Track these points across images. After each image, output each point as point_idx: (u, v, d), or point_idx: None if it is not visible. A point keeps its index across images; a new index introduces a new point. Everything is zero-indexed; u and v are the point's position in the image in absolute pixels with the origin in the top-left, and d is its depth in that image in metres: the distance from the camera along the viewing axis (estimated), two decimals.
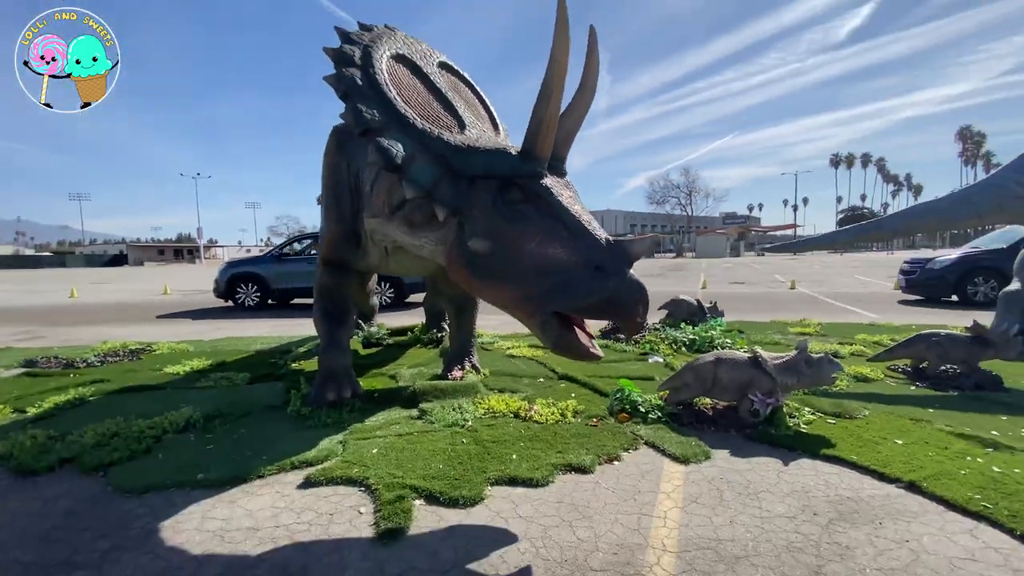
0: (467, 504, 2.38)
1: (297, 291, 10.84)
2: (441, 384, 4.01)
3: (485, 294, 2.47)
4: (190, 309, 11.36)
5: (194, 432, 3.30)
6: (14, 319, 10.16)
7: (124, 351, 6.01)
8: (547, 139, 2.34)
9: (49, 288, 20.15)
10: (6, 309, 12.27)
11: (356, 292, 6.20)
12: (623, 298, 2.16)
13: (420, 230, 2.79)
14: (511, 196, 2.36)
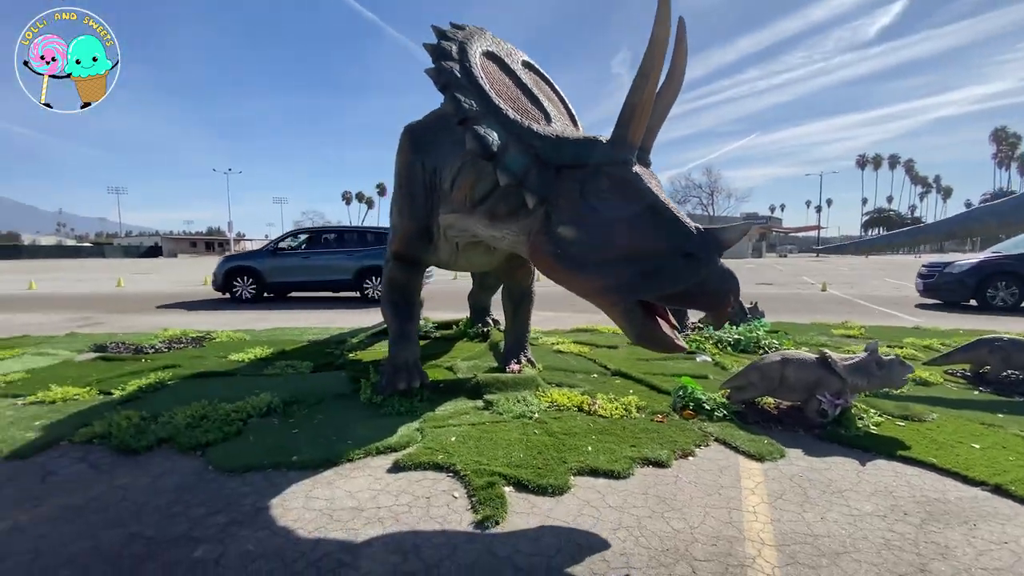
0: (556, 493, 2.46)
1: (291, 285, 11.13)
2: (502, 377, 4.09)
3: (569, 282, 2.50)
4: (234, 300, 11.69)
5: (277, 416, 3.44)
6: (70, 306, 10.60)
7: (186, 338, 6.25)
8: (639, 126, 2.36)
9: (94, 277, 20.92)
10: (61, 296, 12.80)
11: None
12: (714, 286, 2.17)
13: (501, 222, 2.86)
14: (599, 184, 2.39)
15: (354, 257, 11.04)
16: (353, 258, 11.03)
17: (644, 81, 2.26)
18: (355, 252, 11.13)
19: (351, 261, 10.99)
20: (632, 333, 2.33)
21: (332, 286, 11.18)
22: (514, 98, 2.78)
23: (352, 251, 11.16)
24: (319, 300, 11.34)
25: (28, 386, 4.18)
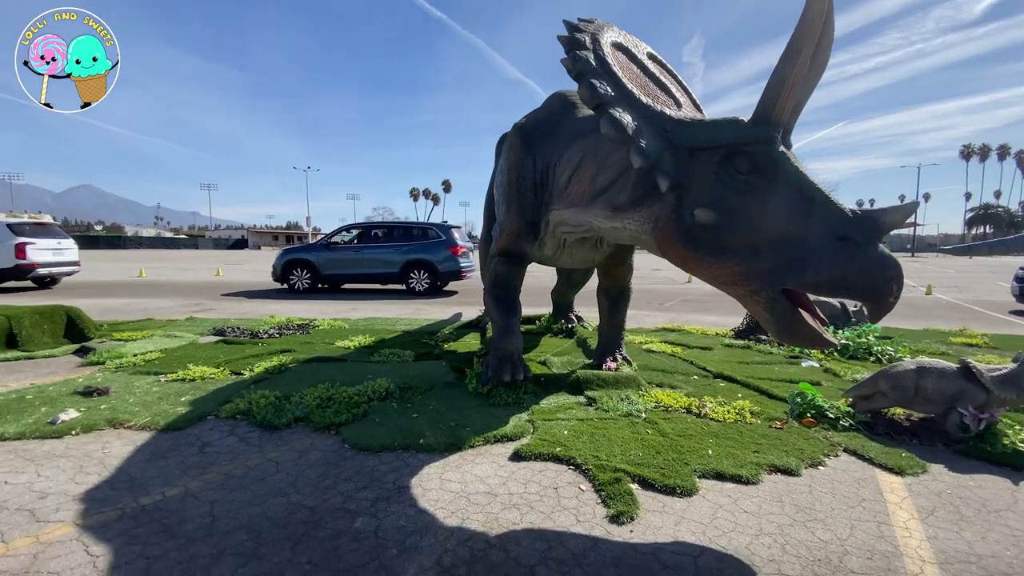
0: (684, 494, 2.43)
1: (343, 277, 11.65)
2: (603, 374, 4.08)
3: (703, 270, 2.42)
4: (322, 291, 12.41)
5: (395, 401, 3.63)
6: (180, 293, 11.66)
7: (292, 325, 6.71)
8: (787, 101, 2.22)
9: (194, 267, 22.89)
10: (170, 283, 14.12)
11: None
12: (873, 273, 2.00)
13: (624, 212, 2.84)
14: (740, 165, 2.29)
15: (401, 251, 11.50)
16: (400, 252, 11.49)
17: (794, 55, 2.12)
18: (402, 247, 11.57)
19: (398, 255, 11.47)
20: (774, 325, 2.22)
21: (380, 279, 11.69)
22: (644, 86, 2.76)
23: (399, 246, 11.60)
24: (392, 293, 11.80)
25: (165, 365, 4.65)
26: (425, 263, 11.40)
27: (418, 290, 11.53)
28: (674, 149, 2.45)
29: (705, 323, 7.83)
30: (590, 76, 2.61)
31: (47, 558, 1.86)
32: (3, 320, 5.06)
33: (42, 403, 3.50)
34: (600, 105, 2.53)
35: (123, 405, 3.50)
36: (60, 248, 11.84)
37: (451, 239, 11.61)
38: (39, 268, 11.20)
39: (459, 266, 11.56)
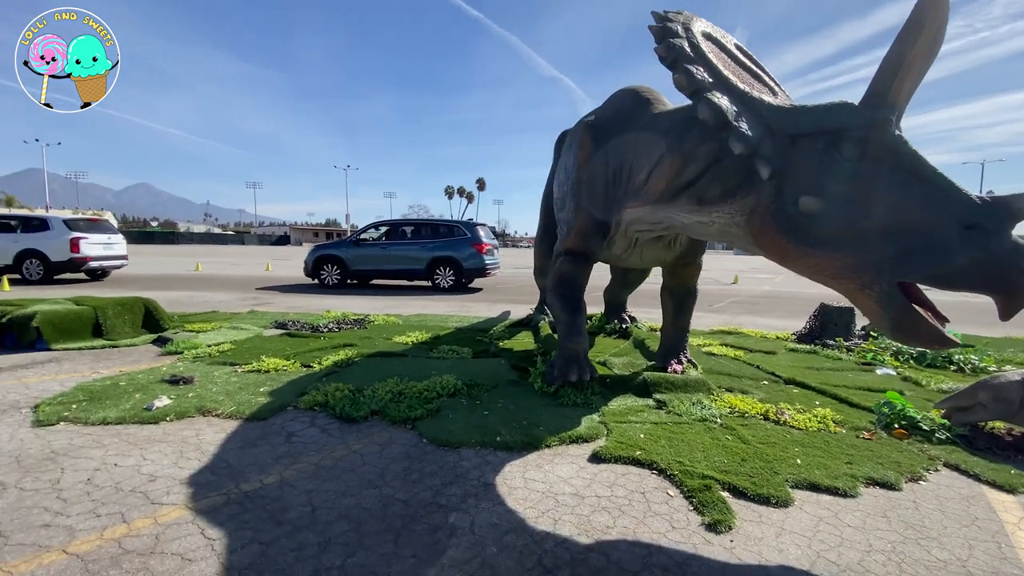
0: (779, 504, 2.34)
1: (371, 273, 11.95)
2: (670, 377, 4.00)
3: (805, 263, 2.31)
4: (371, 288, 12.69)
5: (463, 398, 3.66)
6: (236, 287, 12.13)
7: (348, 320, 6.87)
8: (904, 82, 2.09)
9: (243, 262, 23.80)
10: (224, 277, 14.72)
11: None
12: (1007, 264, 1.83)
13: (712, 205, 2.76)
14: (844, 151, 2.18)
15: (427, 248, 11.70)
16: (426, 249, 11.69)
17: (914, 35, 2.00)
18: (428, 244, 11.76)
19: (424, 252, 11.67)
20: (888, 322, 2.08)
21: (407, 275, 11.92)
22: (738, 74, 2.68)
23: (425, 243, 11.80)
24: (428, 290, 11.93)
25: (238, 356, 4.84)
26: (451, 260, 11.61)
27: (443, 286, 11.75)
28: (773, 136, 2.37)
29: (760, 325, 7.59)
30: (685, 63, 2.55)
31: (168, 539, 1.95)
32: (90, 311, 5.38)
33: (135, 390, 3.69)
34: (697, 91, 2.47)
35: (208, 394, 3.65)
36: (110, 243, 12.54)
37: (476, 237, 11.77)
38: (91, 261, 11.91)
39: (484, 263, 11.72)
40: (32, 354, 4.82)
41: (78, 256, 11.54)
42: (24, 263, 11.45)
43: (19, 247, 11.45)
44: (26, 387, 3.78)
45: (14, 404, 3.40)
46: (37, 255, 11.43)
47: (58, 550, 1.87)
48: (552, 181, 5.54)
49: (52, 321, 5.04)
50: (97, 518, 2.09)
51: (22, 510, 2.13)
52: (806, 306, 10.69)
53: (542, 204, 5.85)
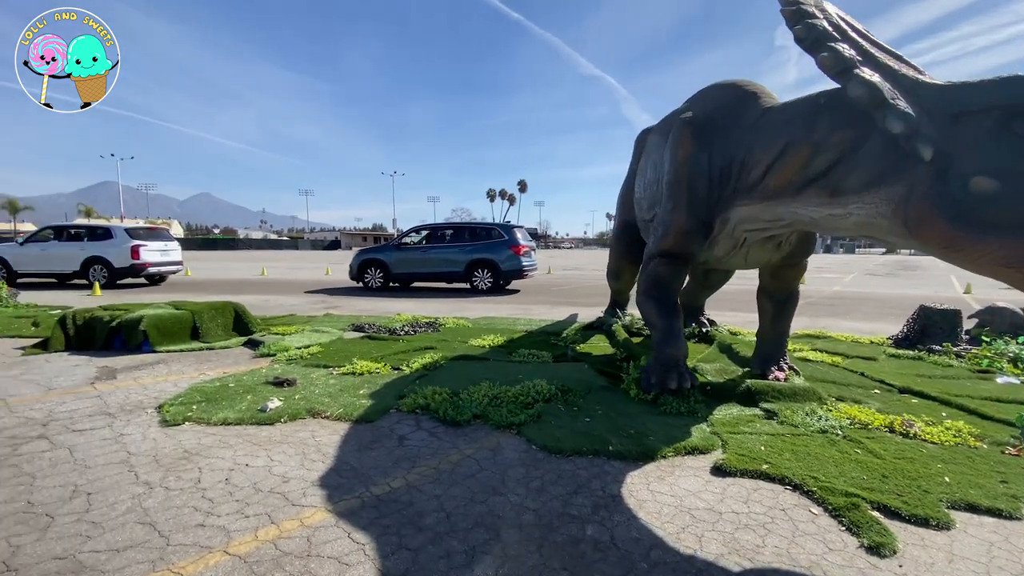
0: (940, 526, 2.15)
1: (413, 276, 12.25)
2: (776, 385, 3.80)
3: (976, 251, 2.09)
4: (426, 291, 12.90)
5: (560, 403, 3.60)
6: (302, 290, 12.59)
7: (421, 323, 6.96)
8: None
9: (303, 266, 24.76)
10: (290, 281, 15.33)
11: (631, 280, 6.34)
12: None
13: (850, 195, 2.59)
14: (1017, 128, 1.98)
15: (465, 251, 11.89)
16: (464, 252, 11.88)
17: None
18: (466, 247, 11.96)
19: (462, 255, 11.86)
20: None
21: (446, 277, 12.12)
22: (881, 53, 2.51)
23: (463, 246, 11.99)
24: (489, 293, 11.96)
25: (328, 358, 4.97)
26: (488, 262, 11.79)
27: (481, 288, 11.91)
28: (932, 114, 2.19)
29: (844, 328, 7.16)
30: (829, 41, 2.41)
31: (319, 542, 1.99)
32: (188, 315, 5.69)
33: (244, 391, 3.85)
34: (846, 70, 2.32)
35: (312, 396, 3.76)
36: (166, 249, 13.29)
37: (513, 239, 11.89)
38: (150, 267, 12.68)
39: (521, 265, 11.84)
40: (140, 355, 5.13)
41: (138, 262, 12.34)
42: (90, 269, 12.36)
43: (86, 254, 12.36)
44: (144, 388, 4.02)
45: (139, 405, 3.61)
46: (102, 262, 12.31)
47: (220, 551, 1.94)
48: (631, 180, 5.42)
49: (157, 325, 5.36)
50: (246, 519, 2.16)
51: (173, 509, 2.23)
52: (885, 307, 10.07)
53: (619, 204, 5.72)
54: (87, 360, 4.90)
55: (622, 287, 6.42)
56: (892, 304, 10.51)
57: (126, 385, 4.09)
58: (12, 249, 12.65)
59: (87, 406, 3.54)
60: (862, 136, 2.54)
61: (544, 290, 13.18)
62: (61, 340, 5.31)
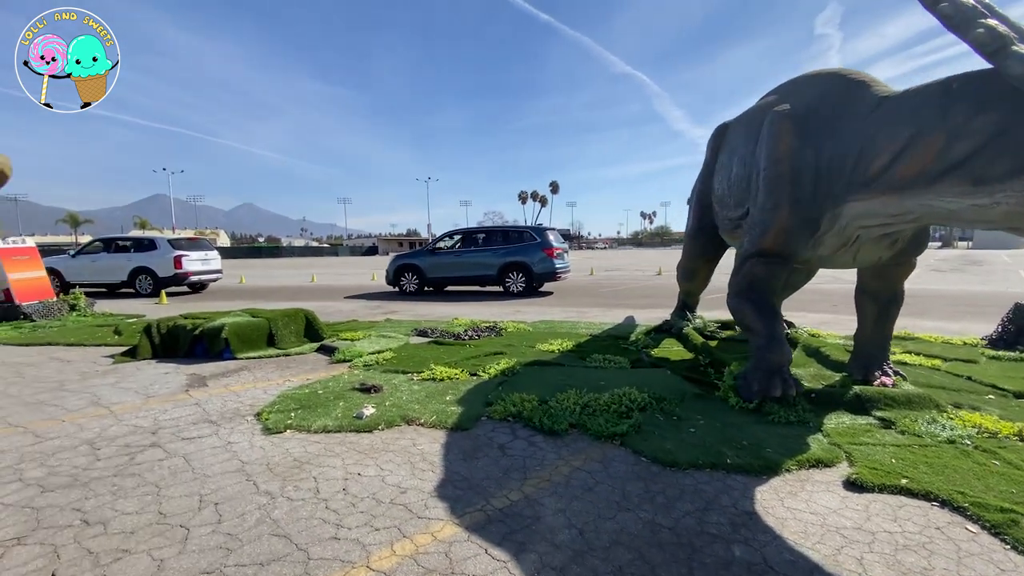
0: None
1: (447, 280, 12.34)
2: (888, 392, 3.56)
3: None
4: (474, 294, 12.92)
5: (656, 412, 3.47)
6: (355, 296, 12.81)
7: (482, 327, 6.93)
8: None
9: (348, 272, 25.30)
10: (339, 287, 15.64)
11: (705, 281, 6.14)
12: None
13: (997, 183, 2.38)
14: None
15: (498, 255, 11.92)
16: (497, 255, 11.91)
17: None
18: (499, 250, 11.98)
19: (495, 258, 11.88)
20: None
21: (479, 281, 12.16)
22: None
23: (496, 249, 12.02)
24: (504, 293, 11.85)
25: (403, 363, 4.98)
26: (521, 265, 11.78)
27: (514, 291, 11.89)
28: None
29: (926, 328, 6.72)
30: (979, 18, 2.22)
31: (459, 559, 1.94)
32: (265, 322, 5.82)
33: (334, 398, 3.88)
34: (1003, 47, 2.13)
35: (402, 402, 3.75)
36: (207, 259, 13.78)
37: (546, 241, 11.85)
38: (192, 276, 13.17)
39: (554, 267, 11.78)
40: (223, 363, 5.27)
41: (181, 271, 12.85)
42: (136, 279, 12.99)
43: (132, 265, 12.99)
44: (236, 395, 4.11)
45: (237, 412, 3.68)
46: (147, 271, 12.91)
47: (362, 566, 1.91)
48: (707, 177, 5.23)
49: (237, 332, 5.51)
50: (376, 531, 2.13)
51: (302, 520, 2.23)
52: (960, 305, 9.46)
53: (694, 202, 5.51)
54: (174, 368, 5.07)
55: (694, 288, 6.20)
56: (967, 301, 9.88)
57: (218, 392, 4.20)
58: (64, 261, 13.36)
59: (188, 414, 3.64)
60: (1011, 119, 2.33)
61: (591, 292, 13.01)
62: (148, 348, 5.52)
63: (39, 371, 5.00)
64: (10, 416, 3.62)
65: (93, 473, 2.70)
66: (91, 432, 3.29)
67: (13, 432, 3.31)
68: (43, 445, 3.09)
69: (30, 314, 8.18)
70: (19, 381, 4.61)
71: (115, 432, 3.30)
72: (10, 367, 5.19)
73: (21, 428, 3.38)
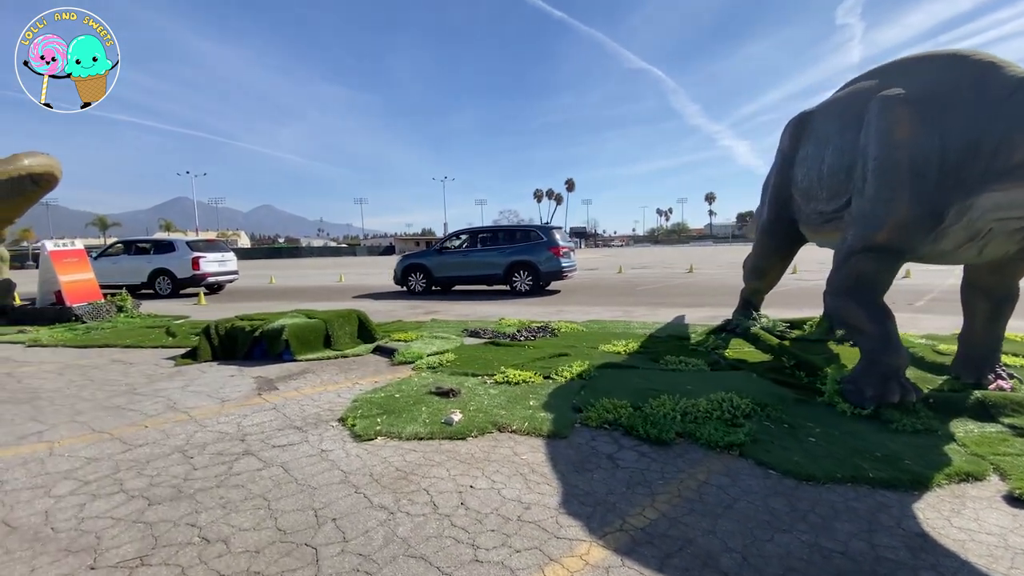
0: None
1: (454, 279, 12.39)
2: (1014, 396, 3.31)
3: None
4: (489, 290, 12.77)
5: (765, 420, 3.26)
6: (387, 296, 12.74)
7: (532, 327, 6.74)
8: None
9: (371, 271, 25.37)
10: (366, 286, 15.60)
11: (776, 279, 5.89)
12: None
13: None
14: None
15: (504, 254, 11.90)
16: (504, 255, 11.90)
17: None
18: (506, 249, 11.96)
19: (502, 257, 11.87)
20: None
21: (486, 280, 12.14)
22: None
23: (503, 248, 12.00)
24: (509, 293, 11.63)
25: (467, 365, 4.83)
26: (528, 264, 11.77)
27: (522, 290, 11.88)
28: None
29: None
30: None
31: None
32: (321, 323, 5.73)
33: (413, 402, 3.74)
34: None
35: (485, 407, 3.60)
36: (224, 260, 13.88)
37: (552, 240, 11.81)
38: (209, 277, 13.27)
39: (560, 266, 11.73)
40: (284, 364, 5.19)
41: (199, 272, 12.96)
42: (156, 280, 13.13)
43: (152, 267, 13.18)
44: (311, 399, 3.99)
45: (318, 417, 3.56)
46: (166, 273, 13.08)
47: None
48: (784, 169, 4.96)
49: (296, 334, 5.42)
50: (518, 553, 1.97)
51: (432, 540, 2.07)
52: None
53: (769, 196, 5.21)
54: (238, 370, 5.00)
55: (763, 287, 5.95)
56: None
57: (291, 396, 4.09)
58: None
59: (270, 419, 3.53)
60: None
61: (627, 290, 12.77)
62: (207, 350, 5.46)
63: (105, 374, 4.96)
64: (92, 422, 3.55)
65: (195, 484, 2.59)
66: (178, 439, 3.20)
67: (100, 439, 3.23)
68: (134, 453, 2.99)
69: (81, 316, 8.24)
70: (89, 384, 4.57)
71: (203, 439, 3.20)
72: (76, 370, 5.18)
73: (107, 434, 3.30)
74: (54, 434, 3.32)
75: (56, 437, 3.26)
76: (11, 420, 3.62)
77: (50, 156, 7.92)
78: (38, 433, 3.34)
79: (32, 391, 4.38)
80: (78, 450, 3.04)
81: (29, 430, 3.40)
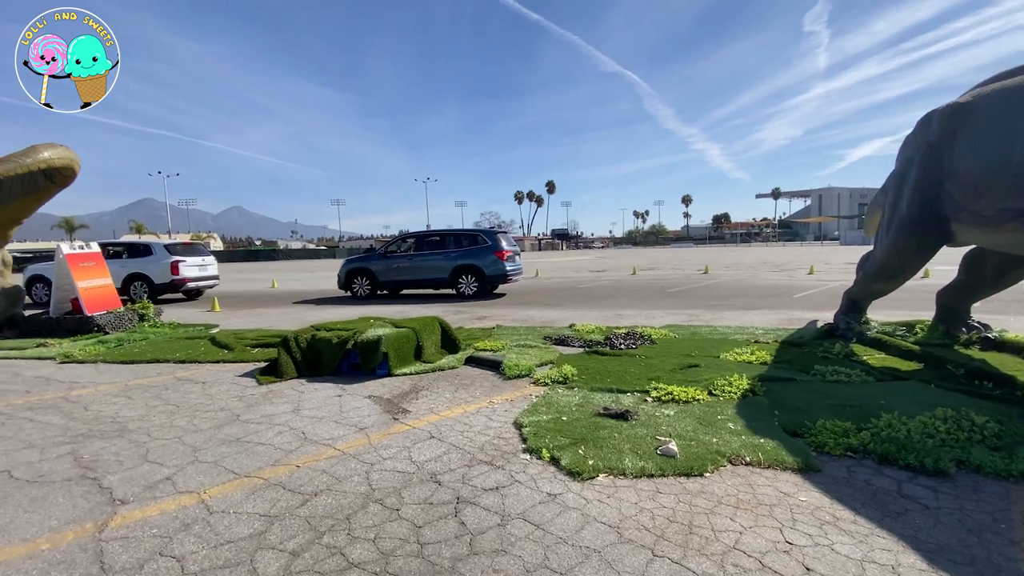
0: None
1: (399, 283, 12.15)
2: None
3: None
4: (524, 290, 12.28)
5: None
6: (410, 299, 12.11)
7: (619, 335, 6.26)
8: None
9: None
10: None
11: (903, 283, 5.52)
12: None
13: None
14: None
15: (450, 258, 11.85)
16: (449, 259, 11.85)
17: None
18: (451, 253, 11.92)
19: (447, 262, 11.82)
20: None
21: (432, 284, 12.11)
22: None
23: (448, 252, 11.94)
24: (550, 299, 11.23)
25: (597, 380, 4.36)
26: (473, 268, 11.73)
27: (467, 294, 11.82)
28: None
29: None
30: None
31: None
32: (412, 333, 5.14)
33: (593, 427, 3.22)
34: None
35: (687, 433, 3.11)
36: (204, 264, 13.11)
37: (497, 244, 11.80)
38: (189, 282, 12.48)
39: (505, 270, 11.70)
40: (383, 380, 4.59)
41: (178, 277, 12.18)
42: (131, 286, 12.18)
43: (126, 271, 12.19)
44: (462, 423, 3.44)
45: (498, 448, 3.01)
46: (142, 278, 12.18)
47: None
48: (934, 161, 4.57)
49: (395, 345, 4.82)
50: None
51: None
52: None
53: (915, 191, 4.73)
54: (340, 388, 4.39)
55: (889, 289, 5.60)
56: None
57: (433, 419, 3.52)
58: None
59: (442, 452, 2.97)
60: None
61: (660, 294, 12.43)
62: (291, 366, 4.81)
63: (184, 396, 4.28)
64: (222, 461, 2.91)
65: (441, 552, 2.01)
66: (354, 483, 2.60)
67: (253, 485, 2.61)
68: (317, 506, 2.38)
69: (103, 326, 7.40)
70: (176, 411, 3.88)
71: (386, 482, 2.61)
72: (143, 391, 4.46)
73: (258, 479, 2.67)
74: (188, 480, 2.68)
75: (194, 485, 2.62)
76: (120, 463, 2.94)
77: (68, 148, 7.09)
78: (167, 480, 2.69)
79: (114, 421, 3.68)
80: (239, 503, 2.42)
81: (154, 476, 2.74)
